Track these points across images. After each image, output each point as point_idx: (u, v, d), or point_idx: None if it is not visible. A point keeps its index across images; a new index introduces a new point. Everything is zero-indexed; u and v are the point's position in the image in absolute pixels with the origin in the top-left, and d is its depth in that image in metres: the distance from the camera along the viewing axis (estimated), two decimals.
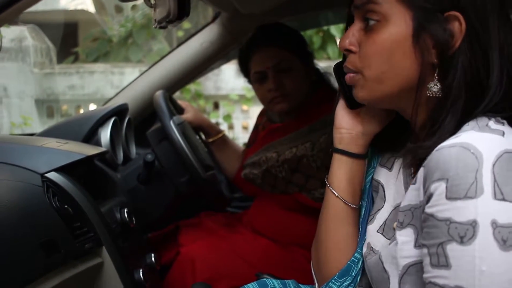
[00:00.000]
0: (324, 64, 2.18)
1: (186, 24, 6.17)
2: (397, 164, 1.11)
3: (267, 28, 2.08)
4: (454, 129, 0.94)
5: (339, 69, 1.11)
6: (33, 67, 6.45)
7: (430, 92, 0.97)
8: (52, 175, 1.32)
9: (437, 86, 0.96)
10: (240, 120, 6.35)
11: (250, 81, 2.15)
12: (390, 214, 1.08)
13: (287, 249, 1.96)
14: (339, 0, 2.24)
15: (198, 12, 6.26)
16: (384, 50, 0.98)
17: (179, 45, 2.44)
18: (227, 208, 2.33)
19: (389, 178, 1.12)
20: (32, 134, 1.94)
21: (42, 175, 1.30)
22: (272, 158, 1.98)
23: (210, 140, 2.27)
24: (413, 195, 0.95)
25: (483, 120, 0.93)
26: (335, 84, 2.10)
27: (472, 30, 0.95)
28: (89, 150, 1.53)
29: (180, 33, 6.58)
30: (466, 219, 0.83)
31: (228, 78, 6.21)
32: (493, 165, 0.84)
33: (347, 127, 1.13)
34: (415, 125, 1.03)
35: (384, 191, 1.12)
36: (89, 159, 1.49)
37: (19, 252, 1.13)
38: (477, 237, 0.82)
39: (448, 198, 0.84)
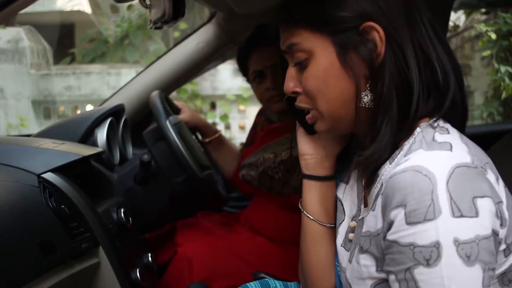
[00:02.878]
0: None
1: (182, 25, 6.17)
2: (352, 176, 1.14)
3: (267, 27, 2.09)
4: (393, 137, 0.97)
5: (291, 101, 1.14)
6: (30, 68, 6.45)
7: (363, 103, 1.00)
8: (49, 176, 1.32)
9: (367, 96, 1.00)
10: (237, 120, 6.35)
11: (248, 80, 2.15)
12: (349, 226, 1.12)
13: (284, 248, 1.97)
14: None
15: (195, 12, 6.27)
16: (319, 81, 1.02)
17: (175, 45, 2.44)
18: (224, 208, 2.33)
19: (346, 191, 1.15)
20: (29, 135, 1.94)
21: (38, 175, 1.30)
22: (269, 159, 1.98)
23: (207, 140, 2.27)
24: (371, 222, 0.98)
25: (428, 132, 0.96)
26: None
27: (389, 34, 0.98)
28: (86, 150, 1.54)
29: (177, 34, 6.58)
30: (429, 242, 0.84)
31: (225, 78, 6.21)
32: (447, 183, 0.85)
33: (310, 152, 1.17)
34: (360, 138, 1.07)
35: (342, 205, 1.15)
36: (85, 159, 1.49)
37: (16, 252, 1.14)
38: (442, 258, 0.84)
39: (409, 223, 0.86)
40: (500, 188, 0.94)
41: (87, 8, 8.40)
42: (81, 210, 1.34)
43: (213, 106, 6.41)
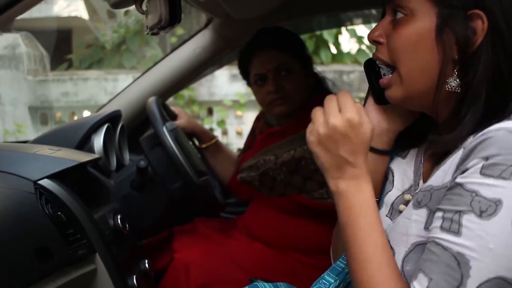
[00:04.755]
0: (317, 69, 2.19)
1: (179, 30, 6.17)
2: (412, 153, 1.14)
3: (268, 31, 2.10)
4: (474, 127, 0.96)
5: (369, 66, 1.13)
6: (27, 74, 6.44)
7: (449, 87, 0.99)
8: (45, 182, 1.32)
9: (456, 81, 0.99)
10: (234, 126, 6.36)
11: (249, 84, 2.15)
12: (396, 198, 1.11)
13: (281, 254, 1.96)
14: (330, 5, 2.26)
15: (192, 18, 6.27)
16: (409, 43, 1.01)
17: (172, 51, 2.45)
18: (221, 214, 2.33)
19: (400, 164, 1.15)
20: (25, 142, 1.94)
21: (35, 182, 1.30)
22: (270, 160, 1.98)
23: (204, 146, 2.28)
24: (438, 177, 0.97)
25: None
26: (333, 89, 2.13)
27: (496, 30, 0.96)
28: (82, 157, 1.53)
29: (174, 39, 6.58)
30: (493, 196, 0.85)
31: (222, 83, 6.22)
32: None
33: (374, 122, 1.14)
34: (437, 122, 1.06)
35: (393, 176, 1.14)
36: (82, 166, 1.49)
37: (12, 259, 1.13)
38: (496, 216, 0.84)
39: (482, 173, 0.87)
40: None
41: (84, 14, 8.40)
42: (77, 217, 1.34)
43: (210, 112, 6.41)
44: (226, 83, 6.20)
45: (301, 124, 2.01)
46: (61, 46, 7.48)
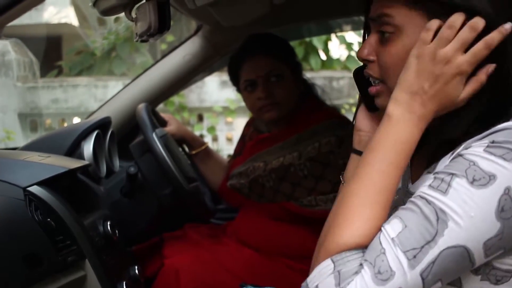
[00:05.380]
0: (307, 75, 2.20)
1: (169, 37, 6.18)
2: None
3: (258, 37, 2.10)
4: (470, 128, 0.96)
5: (359, 74, 1.14)
6: (16, 81, 6.42)
7: None
8: (34, 189, 1.31)
9: None
10: (224, 132, 6.36)
11: (238, 89, 2.16)
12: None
13: (271, 259, 1.97)
14: (319, 12, 2.27)
15: (182, 25, 6.28)
16: (399, 60, 1.00)
17: (162, 58, 2.45)
18: (211, 220, 2.33)
19: None
20: (15, 148, 1.93)
21: (24, 189, 1.29)
22: (259, 167, 1.99)
23: (194, 152, 2.28)
24: (424, 181, 0.96)
25: None
26: (322, 96, 2.14)
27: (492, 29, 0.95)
28: (72, 163, 1.53)
29: (164, 46, 6.59)
30: (489, 170, 0.86)
31: (212, 90, 6.23)
32: None
33: (366, 129, 1.17)
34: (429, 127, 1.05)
35: None
36: (71, 172, 1.49)
37: (1, 265, 1.13)
38: (486, 189, 0.86)
39: (486, 150, 0.88)
40: None
41: (74, 21, 8.39)
42: (67, 223, 1.34)
43: (200, 118, 6.42)
44: (216, 90, 6.21)
45: (290, 130, 2.03)
46: (51, 52, 7.47)
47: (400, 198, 1.08)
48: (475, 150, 0.89)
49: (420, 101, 0.94)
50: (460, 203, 0.86)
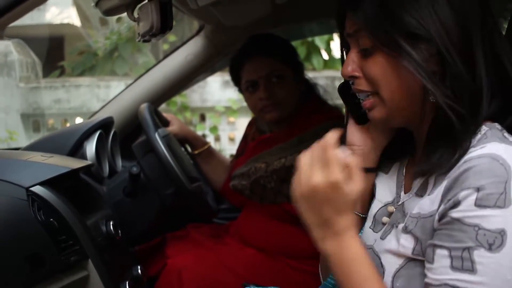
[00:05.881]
0: (309, 75, 2.20)
1: (171, 37, 6.18)
2: (394, 167, 1.14)
3: (260, 38, 2.10)
4: (457, 140, 0.95)
5: (344, 89, 1.14)
6: (19, 81, 6.43)
7: (433, 98, 0.98)
8: (37, 189, 1.32)
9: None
10: (226, 132, 6.36)
11: (240, 90, 2.16)
12: (378, 210, 1.12)
13: (273, 259, 1.97)
14: (321, 12, 2.27)
15: (184, 25, 6.28)
16: (385, 69, 1.00)
17: (164, 58, 2.45)
18: (214, 220, 2.33)
19: (383, 179, 1.16)
20: (17, 149, 1.94)
21: (27, 189, 1.30)
22: (261, 168, 1.99)
23: (196, 152, 2.28)
24: (426, 205, 0.97)
25: (496, 131, 0.96)
26: (324, 96, 2.14)
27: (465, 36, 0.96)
28: (75, 163, 1.53)
29: (166, 46, 6.59)
30: (495, 227, 0.86)
31: (214, 90, 6.22)
32: None
33: (358, 143, 1.16)
34: (419, 136, 1.06)
35: (375, 189, 1.15)
36: (74, 172, 1.49)
37: (4, 265, 1.13)
38: (505, 247, 0.85)
39: (478, 205, 0.87)
40: None
41: (76, 21, 8.40)
42: (70, 223, 1.34)
43: (202, 118, 6.42)
44: (218, 90, 6.21)
45: (292, 131, 2.03)
46: (53, 53, 7.48)
47: (395, 215, 1.07)
48: (468, 209, 0.88)
49: (332, 226, 0.95)
50: (493, 274, 0.86)
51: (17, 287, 1.15)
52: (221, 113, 6.27)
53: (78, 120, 6.16)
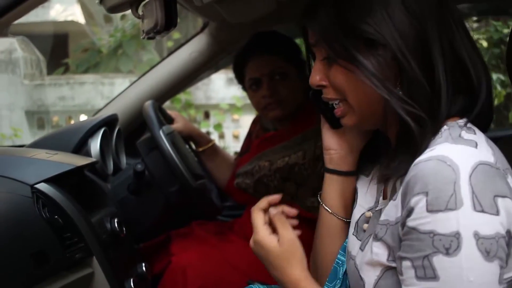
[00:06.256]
0: None
1: (176, 34, 6.18)
2: (375, 170, 1.14)
3: (263, 36, 2.10)
4: (425, 142, 0.96)
5: (315, 95, 1.15)
6: (23, 78, 6.45)
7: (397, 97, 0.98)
8: (42, 186, 1.32)
9: (400, 93, 0.98)
10: (230, 129, 6.36)
11: (244, 88, 2.16)
12: (361, 215, 1.12)
13: None
14: None
15: (188, 22, 6.28)
16: (349, 77, 1.01)
17: (168, 55, 2.45)
18: (218, 217, 2.33)
19: (365, 183, 1.16)
20: (22, 146, 1.94)
21: (31, 186, 1.30)
22: (264, 167, 1.99)
23: (200, 149, 2.28)
24: (391, 211, 0.98)
25: (455, 130, 0.96)
26: None
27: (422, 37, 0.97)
28: (79, 160, 1.54)
29: (170, 43, 6.59)
30: (450, 231, 0.85)
31: (218, 87, 6.23)
32: (470, 176, 0.86)
33: (335, 147, 1.17)
34: (391, 139, 1.07)
35: (357, 194, 1.16)
36: (79, 169, 1.49)
37: (9, 263, 1.13)
38: (462, 249, 0.84)
39: (429, 211, 0.86)
40: None
41: (80, 18, 8.41)
42: (74, 221, 1.34)
43: (206, 115, 6.42)
44: (222, 87, 6.21)
45: (296, 128, 2.02)
46: (58, 50, 7.49)
47: (372, 221, 1.07)
48: (421, 216, 0.87)
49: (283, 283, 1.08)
50: (456, 278, 0.85)
51: (22, 284, 1.15)
52: (225, 110, 6.27)
53: (83, 117, 6.17)
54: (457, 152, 0.89)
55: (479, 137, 0.96)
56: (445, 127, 0.97)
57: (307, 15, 1.05)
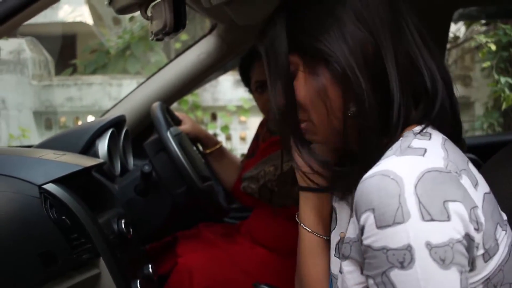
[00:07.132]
0: None
1: (183, 36, 6.19)
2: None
3: None
4: (378, 152, 0.96)
5: (283, 114, 1.13)
6: (32, 79, 6.47)
7: (350, 112, 0.99)
8: (50, 187, 1.32)
9: (354, 108, 0.98)
10: (238, 131, 6.36)
11: (250, 90, 2.16)
12: (339, 237, 1.10)
13: (284, 259, 1.96)
14: None
15: (196, 23, 6.29)
16: (308, 96, 1.02)
17: (176, 56, 2.45)
18: (225, 219, 2.33)
19: (342, 203, 1.13)
20: (30, 146, 1.94)
21: (39, 186, 1.30)
22: (270, 172, 1.98)
23: (208, 151, 2.28)
24: (352, 228, 0.98)
25: (407, 140, 0.95)
26: None
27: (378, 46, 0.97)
28: (87, 161, 1.54)
29: (178, 45, 6.60)
30: (401, 245, 0.84)
31: (226, 89, 6.23)
32: (415, 187, 0.85)
33: (304, 164, 1.14)
34: (351, 152, 1.06)
35: (336, 214, 1.13)
36: (86, 170, 1.49)
37: (17, 263, 1.14)
38: (416, 261, 0.84)
39: (379, 227, 0.86)
40: (478, 193, 0.93)
41: (89, 20, 8.44)
42: (82, 221, 1.34)
43: (214, 117, 6.42)
44: (230, 89, 6.21)
45: None
46: (66, 51, 7.52)
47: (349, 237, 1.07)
48: (372, 233, 0.87)
49: None
50: None
51: (30, 284, 1.16)
52: (232, 112, 6.28)
53: (90, 118, 6.19)
54: (401, 164, 0.89)
55: (433, 141, 0.95)
56: (401, 138, 0.97)
57: (259, 37, 1.11)
